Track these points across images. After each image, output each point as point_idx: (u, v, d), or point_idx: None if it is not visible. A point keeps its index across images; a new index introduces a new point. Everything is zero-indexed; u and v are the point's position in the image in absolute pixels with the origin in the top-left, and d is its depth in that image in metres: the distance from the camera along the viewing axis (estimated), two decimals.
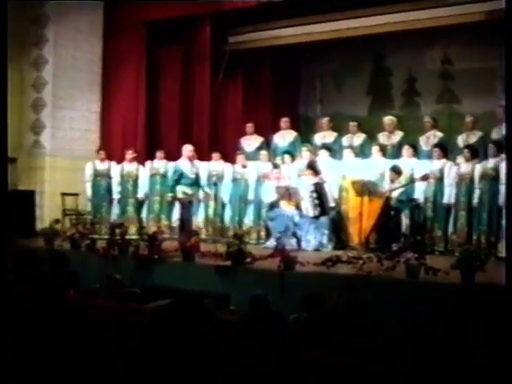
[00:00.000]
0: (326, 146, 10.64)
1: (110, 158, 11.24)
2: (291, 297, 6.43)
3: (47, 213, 11.41)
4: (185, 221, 10.26)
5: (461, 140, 9.95)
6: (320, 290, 5.80)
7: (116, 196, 11.06)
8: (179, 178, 10.50)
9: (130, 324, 4.35)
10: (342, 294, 5.78)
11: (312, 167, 9.87)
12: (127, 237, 9.15)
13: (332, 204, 9.84)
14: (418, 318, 4.94)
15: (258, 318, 4.74)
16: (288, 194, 9.77)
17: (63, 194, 11.37)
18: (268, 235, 10.01)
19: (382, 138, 10.60)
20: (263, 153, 10.82)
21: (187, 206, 10.38)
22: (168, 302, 4.02)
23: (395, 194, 9.27)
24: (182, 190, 10.44)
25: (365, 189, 8.92)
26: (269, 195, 10.19)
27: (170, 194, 10.65)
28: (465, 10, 10.26)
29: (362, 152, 10.51)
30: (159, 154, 11.17)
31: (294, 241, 9.16)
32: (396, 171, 9.38)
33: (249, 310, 5.38)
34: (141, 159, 11.31)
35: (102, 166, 11.09)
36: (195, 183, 10.59)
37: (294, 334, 4.53)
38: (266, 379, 3.61)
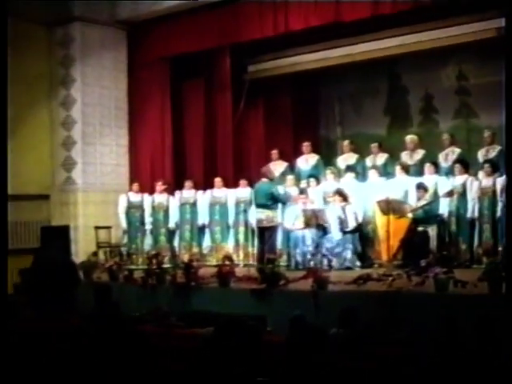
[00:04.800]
0: (350, 168, 10.94)
1: (141, 189, 11.63)
2: (325, 315, 6.70)
3: (81, 246, 11.81)
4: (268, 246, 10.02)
5: (480, 155, 10.20)
6: (354, 306, 6.06)
7: (148, 227, 11.44)
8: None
9: (183, 349, 4.66)
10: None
11: (340, 193, 10.19)
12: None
13: (354, 224, 10.12)
14: (451, 329, 5.23)
15: (300, 336, 5.01)
16: (315, 216, 10.08)
17: (96, 228, 11.76)
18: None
19: (405, 156, 10.86)
20: (290, 177, 11.11)
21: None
22: (216, 326, 4.30)
23: (421, 211, 9.54)
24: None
25: (390, 207, 9.18)
26: (290, 220, 10.42)
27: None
28: (475, 28, 10.55)
29: (385, 171, 10.78)
30: (188, 183, 11.57)
31: (325, 261, 9.43)
32: (423, 188, 9.66)
33: (288, 330, 5.67)
34: (170, 189, 11.69)
35: (135, 198, 11.50)
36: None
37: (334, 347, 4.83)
38: None
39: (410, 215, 9.51)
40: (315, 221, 10.08)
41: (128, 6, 12.27)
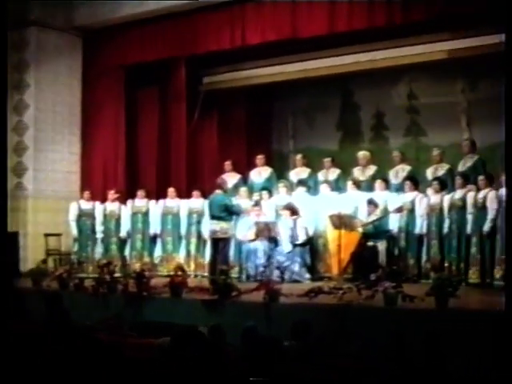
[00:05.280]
0: (301, 182, 11.07)
1: (92, 198, 11.55)
2: (277, 327, 6.79)
3: (30, 254, 11.66)
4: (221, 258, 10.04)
5: (429, 173, 10.45)
6: (306, 319, 6.16)
7: (99, 235, 11.37)
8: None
9: (137, 359, 4.67)
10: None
11: (290, 208, 10.30)
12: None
13: (304, 237, 10.24)
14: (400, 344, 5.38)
15: (252, 347, 5.08)
16: (267, 229, 10.18)
17: (46, 235, 11.64)
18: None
19: (357, 172, 11.08)
20: (243, 189, 11.18)
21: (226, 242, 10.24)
22: (173, 336, 4.34)
23: (371, 226, 9.74)
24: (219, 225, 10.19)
25: (342, 222, 9.35)
26: (242, 232, 10.51)
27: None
28: (428, 49, 10.83)
29: (336, 186, 10.96)
30: (140, 192, 11.54)
31: (277, 273, 9.52)
32: (373, 204, 9.87)
33: (241, 341, 5.74)
34: (122, 198, 11.65)
35: (86, 205, 11.40)
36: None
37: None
38: None
39: (360, 230, 9.70)
40: (267, 233, 10.18)
41: (85, 12, 12.24)
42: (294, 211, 10.32)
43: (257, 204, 10.73)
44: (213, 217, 10.18)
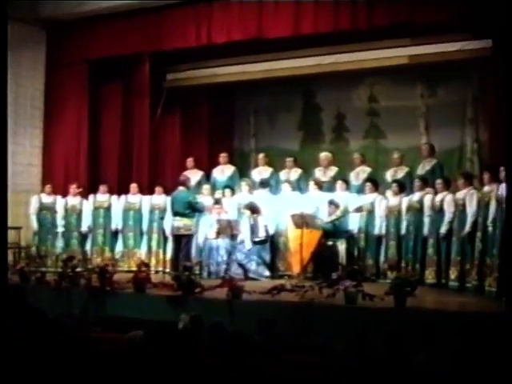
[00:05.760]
0: (263, 182, 11.21)
1: (53, 191, 11.50)
2: (240, 323, 6.92)
3: None
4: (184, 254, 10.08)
5: (389, 175, 10.71)
6: (271, 316, 6.31)
7: (60, 229, 11.35)
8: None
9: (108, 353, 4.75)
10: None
11: (251, 208, 10.43)
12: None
13: (264, 234, 10.38)
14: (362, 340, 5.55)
15: (219, 342, 5.20)
16: (230, 227, 10.29)
17: None
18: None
19: (318, 172, 11.26)
20: (206, 187, 11.29)
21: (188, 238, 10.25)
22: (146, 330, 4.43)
23: (331, 225, 9.94)
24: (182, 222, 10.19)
25: (304, 222, 9.52)
26: (205, 229, 10.62)
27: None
28: (389, 53, 11.07)
29: (298, 186, 11.13)
30: (102, 187, 11.55)
31: (240, 270, 9.66)
32: (334, 204, 10.07)
33: (208, 336, 5.85)
34: (84, 193, 11.63)
35: (47, 199, 11.38)
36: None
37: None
38: None
39: (320, 229, 9.88)
40: (230, 231, 10.29)
41: (50, 4, 12.14)
42: (254, 210, 10.45)
43: (218, 202, 10.83)
44: (176, 213, 10.24)
